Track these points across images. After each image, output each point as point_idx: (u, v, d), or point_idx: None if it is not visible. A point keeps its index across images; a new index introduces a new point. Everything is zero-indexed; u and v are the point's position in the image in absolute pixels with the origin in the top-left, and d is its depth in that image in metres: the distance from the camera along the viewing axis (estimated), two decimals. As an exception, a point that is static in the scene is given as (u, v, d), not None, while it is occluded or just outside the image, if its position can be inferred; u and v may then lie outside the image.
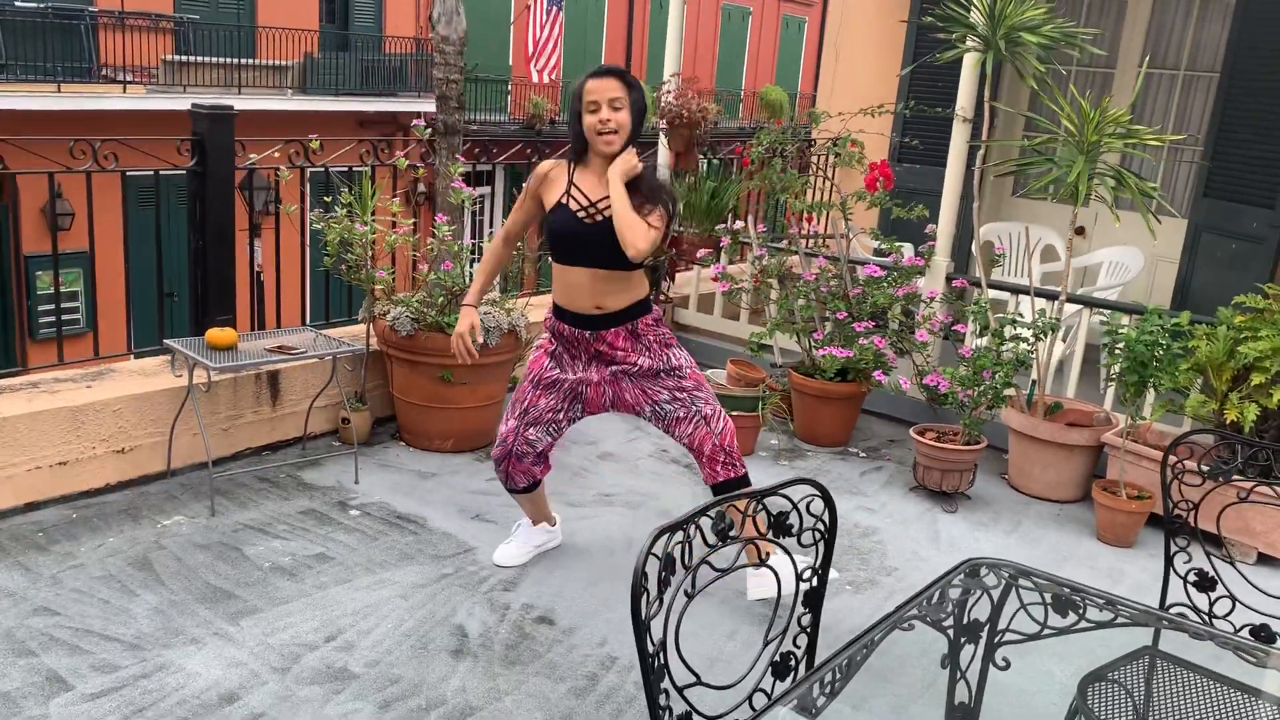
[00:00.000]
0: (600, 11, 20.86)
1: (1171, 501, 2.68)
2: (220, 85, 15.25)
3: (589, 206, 3.32)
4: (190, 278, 4.51)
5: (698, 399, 3.49)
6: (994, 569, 2.25)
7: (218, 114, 4.33)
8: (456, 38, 4.50)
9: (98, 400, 4.05)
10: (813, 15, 25.71)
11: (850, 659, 1.88)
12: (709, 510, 1.95)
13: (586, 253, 3.33)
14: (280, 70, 16.00)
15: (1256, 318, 4.37)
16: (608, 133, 3.22)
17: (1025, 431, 4.76)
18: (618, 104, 3.21)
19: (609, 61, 21.07)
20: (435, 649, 3.28)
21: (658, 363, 3.47)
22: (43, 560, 3.61)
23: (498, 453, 3.63)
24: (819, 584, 2.14)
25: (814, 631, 2.16)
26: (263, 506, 4.15)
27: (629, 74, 3.29)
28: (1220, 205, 6.43)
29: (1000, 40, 4.60)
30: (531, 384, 3.56)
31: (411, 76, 17.67)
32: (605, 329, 3.42)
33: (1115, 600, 2.14)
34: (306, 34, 16.35)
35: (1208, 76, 6.96)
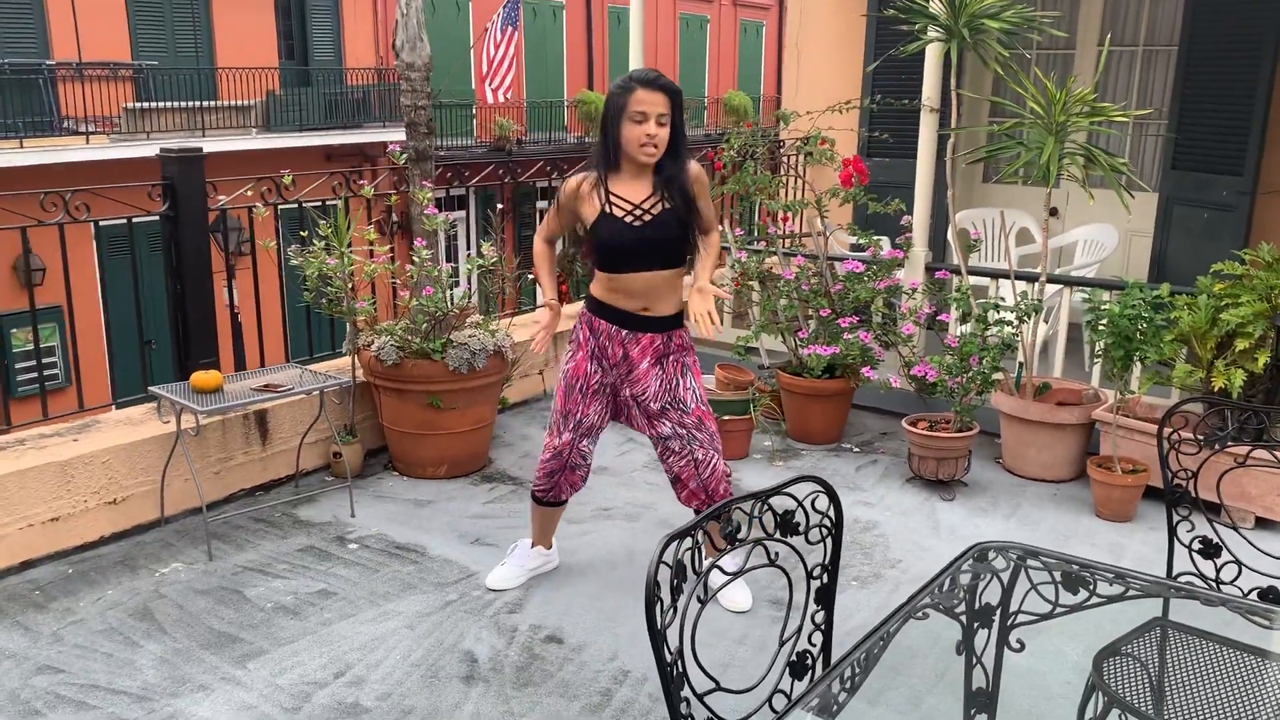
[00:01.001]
0: (559, 29, 20.90)
1: (1170, 472, 2.69)
2: (184, 129, 15.20)
3: (634, 209, 3.31)
4: (170, 322, 4.48)
5: (695, 439, 3.50)
6: (1002, 552, 2.26)
7: (187, 157, 4.31)
8: (421, 63, 4.50)
9: (86, 453, 4.02)
10: (770, 19, 25.85)
11: (868, 652, 1.88)
12: (716, 515, 1.94)
13: (645, 256, 3.34)
14: (243, 110, 15.96)
15: (1236, 284, 4.40)
16: (651, 146, 3.21)
17: (1016, 414, 4.78)
18: (664, 119, 3.20)
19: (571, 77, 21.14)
20: (446, 677, 3.26)
21: (664, 395, 3.48)
22: (42, 619, 3.57)
23: (552, 465, 3.60)
24: (829, 580, 2.14)
25: (828, 628, 2.16)
26: (260, 547, 4.12)
27: (675, 86, 3.25)
28: (1189, 176, 6.48)
29: (963, 29, 4.63)
30: (580, 392, 3.53)
31: (375, 107, 17.67)
32: (643, 331, 3.43)
33: (1125, 573, 2.14)
34: (267, 72, 16.32)
35: (1166, 50, 7.02)
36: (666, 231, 3.33)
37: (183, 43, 15.88)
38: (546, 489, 3.67)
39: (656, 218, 3.31)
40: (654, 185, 3.32)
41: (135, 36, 15.36)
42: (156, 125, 14.98)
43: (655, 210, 3.31)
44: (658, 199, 3.32)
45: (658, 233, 3.32)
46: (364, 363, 4.69)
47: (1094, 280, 5.19)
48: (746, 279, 5.46)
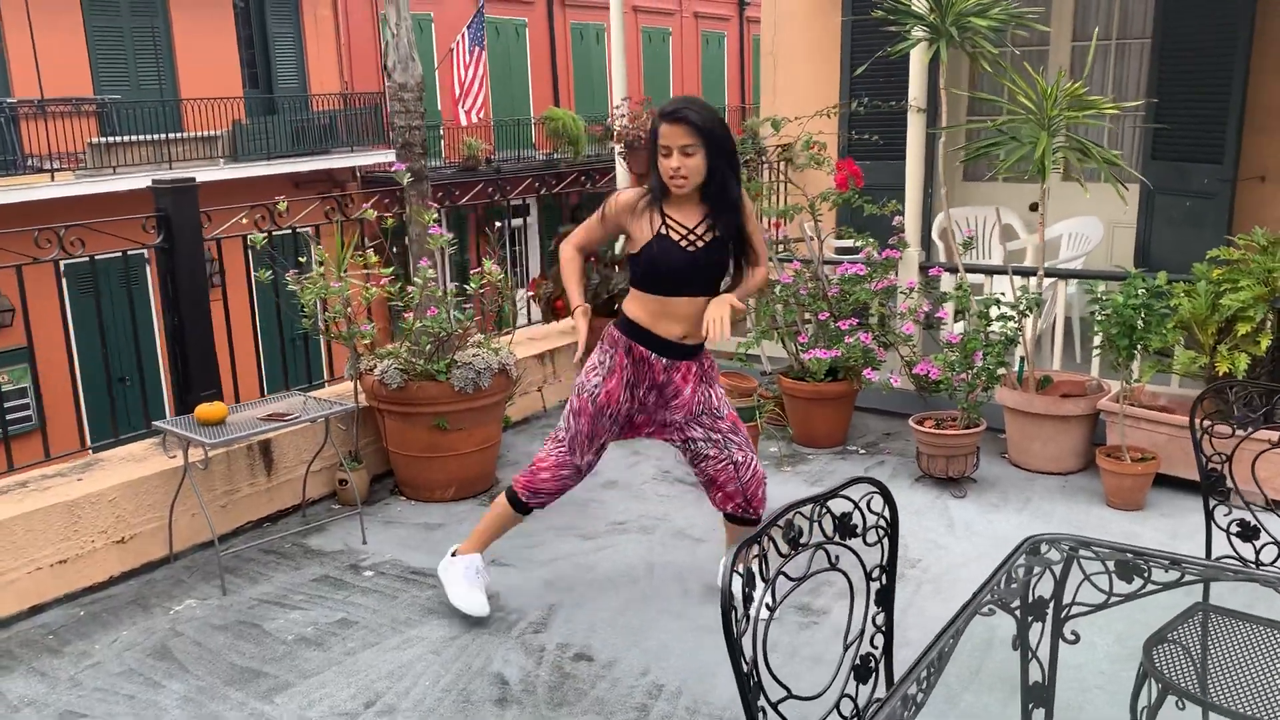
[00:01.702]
0: (523, 47, 20.91)
1: (1204, 456, 2.69)
2: (150, 162, 15.06)
3: (688, 234, 3.31)
4: (170, 356, 4.42)
5: (731, 442, 3.53)
6: (1054, 544, 2.25)
7: (181, 187, 4.26)
8: (414, 83, 4.46)
9: (92, 492, 3.94)
10: (730, 29, 25.99)
11: (941, 651, 1.86)
12: (778, 520, 1.92)
13: (693, 281, 3.35)
14: (210, 140, 15.84)
15: (1233, 269, 4.44)
16: (678, 179, 3.24)
17: (1021, 408, 4.80)
18: (689, 150, 3.20)
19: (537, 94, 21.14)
20: (478, 701, 3.21)
21: (700, 401, 3.50)
22: (57, 663, 3.49)
23: (569, 482, 3.61)
24: (888, 581, 2.12)
25: (889, 630, 2.14)
26: (274, 579, 4.05)
27: (700, 114, 3.21)
28: (1169, 166, 6.55)
29: (951, 27, 4.65)
30: (611, 419, 3.51)
31: (341, 132, 17.59)
32: (681, 359, 3.45)
33: (1180, 559, 2.14)
34: (232, 101, 16.21)
35: (1139, 43, 7.11)
36: (716, 259, 3.36)
37: (145, 75, 15.76)
38: (544, 501, 3.64)
39: (709, 245, 3.34)
40: (704, 213, 3.34)
41: (96, 71, 15.22)
42: (122, 160, 14.83)
43: (707, 237, 3.34)
44: (709, 226, 3.34)
45: (709, 258, 3.35)
46: (366, 387, 4.64)
47: (1095, 272, 5.24)
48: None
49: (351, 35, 18.16)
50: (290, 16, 17.49)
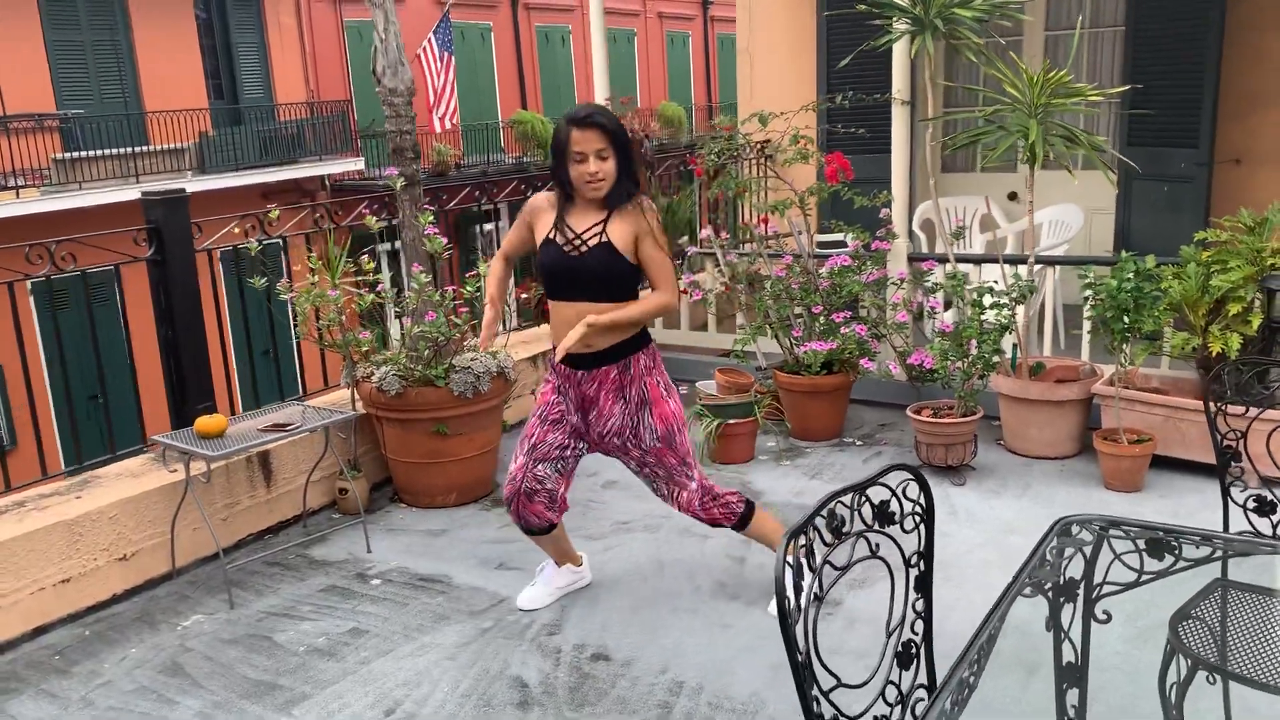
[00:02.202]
0: (488, 51, 20.84)
1: (1219, 434, 2.73)
2: (117, 177, 14.87)
3: (575, 239, 3.30)
4: (164, 368, 4.36)
5: (657, 478, 3.54)
6: (1085, 525, 2.27)
7: (172, 199, 4.21)
8: (404, 88, 4.43)
9: (92, 510, 3.89)
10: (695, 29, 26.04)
11: (990, 634, 1.87)
12: (821, 510, 1.92)
13: (576, 286, 3.31)
14: (176, 153, 15.65)
15: (1222, 250, 4.50)
16: (594, 183, 3.22)
17: (1016, 394, 4.84)
18: (603, 154, 3.19)
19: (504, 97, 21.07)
20: (499, 704, 3.20)
21: (626, 430, 3.43)
22: (67, 684, 3.44)
23: (508, 491, 3.54)
24: (926, 567, 2.13)
25: (928, 615, 2.15)
26: (280, 591, 4.02)
27: (608, 117, 3.23)
28: (1146, 151, 6.62)
29: (935, 19, 4.68)
30: (539, 419, 3.51)
31: (309, 141, 17.44)
32: (594, 368, 3.37)
33: (1211, 535, 2.17)
34: (198, 113, 16.03)
35: (1112, 31, 7.19)
36: (599, 265, 3.27)
37: (109, 89, 15.57)
38: (513, 517, 3.59)
39: (592, 250, 3.28)
40: (600, 218, 3.30)
41: (59, 86, 15.02)
42: (88, 175, 14.63)
43: (592, 242, 3.28)
44: (598, 232, 3.28)
45: (590, 264, 3.28)
46: (363, 395, 4.61)
47: (1084, 258, 5.30)
48: (736, 282, 5.46)
49: (316, 43, 18.03)
50: (254, 26, 17.34)
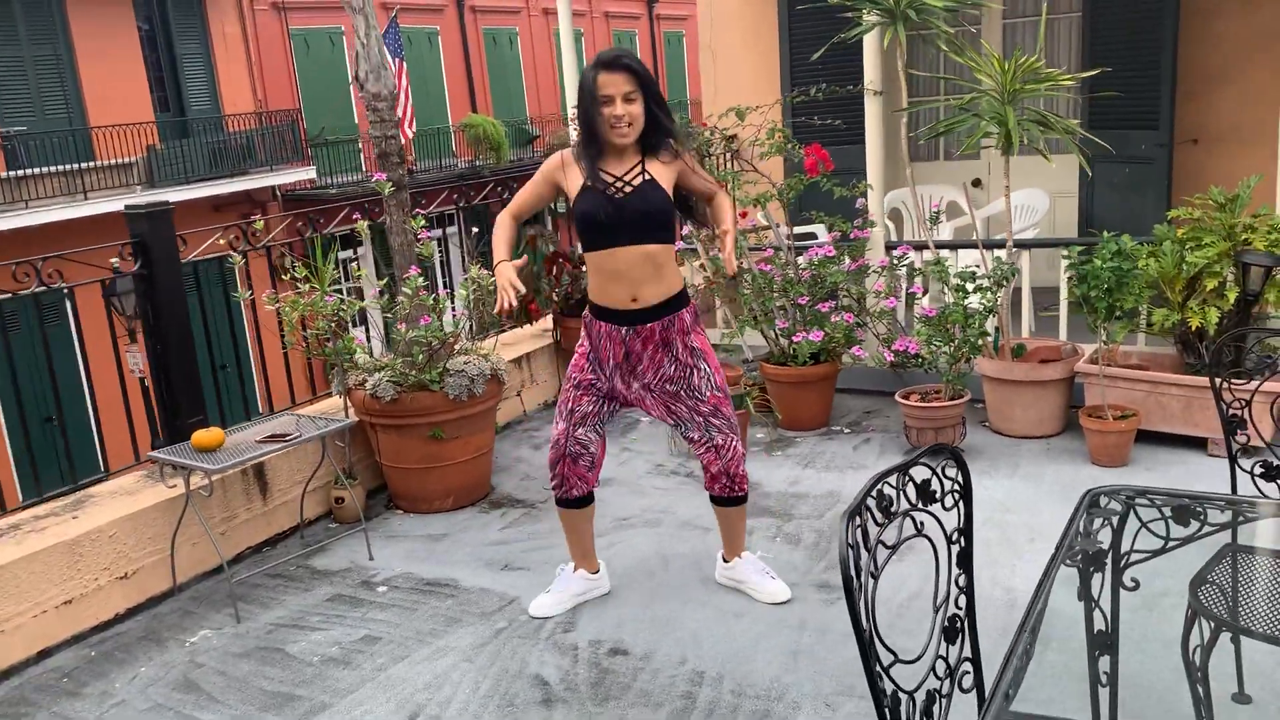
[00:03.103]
0: (436, 55, 20.72)
1: (1225, 404, 2.81)
2: (64, 194, 14.62)
3: (616, 181, 3.29)
4: (155, 384, 4.31)
5: (712, 425, 3.52)
6: (1114, 495, 2.33)
7: (156, 212, 4.16)
8: (387, 92, 4.41)
9: (91, 529, 3.83)
10: (641, 27, 26.12)
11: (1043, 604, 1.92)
12: (872, 490, 1.96)
13: (622, 228, 3.29)
14: (124, 168, 15.42)
15: (1195, 227, 4.62)
16: (621, 127, 3.21)
17: (1001, 376, 4.93)
18: (631, 96, 3.19)
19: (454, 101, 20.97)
20: (523, 703, 3.21)
21: (679, 380, 3.48)
22: (80, 706, 3.39)
23: (552, 455, 3.59)
24: (966, 544, 2.18)
25: (970, 591, 2.20)
26: (286, 602, 3.99)
27: (637, 61, 3.25)
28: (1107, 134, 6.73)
29: (906, 9, 4.75)
30: (574, 385, 3.54)
31: (260, 151, 17.24)
32: (642, 323, 3.38)
33: (1235, 499, 2.24)
34: (144, 127, 15.77)
35: (1068, 18, 7.33)
36: (647, 203, 3.30)
37: (51, 105, 15.26)
38: (557, 484, 3.64)
39: (637, 189, 3.29)
40: (637, 159, 3.33)
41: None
42: (34, 193, 14.36)
43: (636, 182, 3.30)
44: (638, 171, 3.31)
45: (639, 204, 3.29)
46: (356, 402, 4.58)
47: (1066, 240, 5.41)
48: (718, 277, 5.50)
49: (262, 52, 17.81)
50: (198, 37, 17.08)
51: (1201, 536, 2.26)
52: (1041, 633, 2.51)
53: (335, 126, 18.58)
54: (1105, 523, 2.32)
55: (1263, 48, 6.58)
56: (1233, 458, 2.81)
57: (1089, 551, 2.33)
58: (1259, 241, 4.41)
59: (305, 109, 18.24)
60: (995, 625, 3.35)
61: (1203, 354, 4.60)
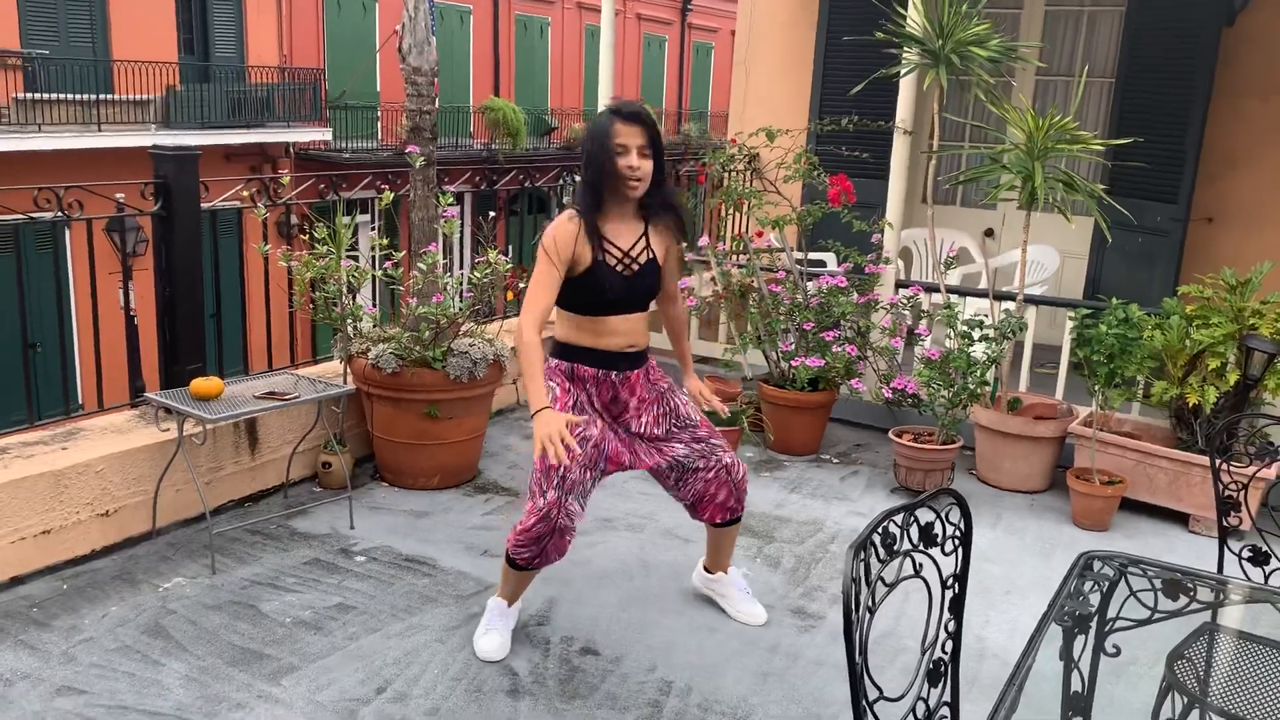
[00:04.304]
0: (466, 35, 20.71)
1: (1222, 484, 2.84)
2: (78, 123, 14.54)
3: (624, 258, 3.25)
4: (159, 326, 4.30)
5: (715, 447, 3.46)
6: (1107, 561, 2.36)
7: (183, 155, 4.15)
8: (428, 68, 4.42)
9: (79, 462, 3.83)
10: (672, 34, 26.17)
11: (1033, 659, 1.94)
12: (879, 527, 1.98)
13: (629, 303, 3.29)
14: (142, 105, 15.35)
15: (1205, 306, 4.67)
16: (634, 179, 3.14)
17: (995, 427, 4.96)
18: (645, 151, 3.13)
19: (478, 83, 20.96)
20: (490, 691, 3.22)
21: (666, 418, 3.41)
22: (47, 637, 3.38)
23: (540, 530, 3.21)
24: (960, 590, 2.20)
25: (958, 637, 2.22)
26: (264, 560, 3.98)
27: (648, 115, 3.19)
28: (1125, 202, 6.81)
29: (950, 55, 4.79)
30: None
31: (278, 107, 17.19)
32: (631, 369, 3.35)
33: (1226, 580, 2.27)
34: (166, 67, 15.72)
35: (1100, 82, 7.39)
36: (649, 282, 3.32)
37: (76, 32, 15.18)
38: (531, 556, 3.27)
39: (644, 267, 3.29)
40: (640, 231, 3.28)
41: (25, 24, 14.60)
42: (48, 118, 14.29)
43: (642, 260, 3.28)
44: (644, 246, 3.28)
45: (644, 281, 3.30)
46: (356, 370, 4.58)
47: (1074, 300, 5.45)
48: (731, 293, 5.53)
49: (294, 8, 17.77)
50: (232, -16, 17.05)
51: (1189, 613, 2.29)
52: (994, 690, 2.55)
53: (357, 91, 18.55)
54: (1095, 586, 2.35)
55: (1286, 135, 6.66)
56: (1223, 538, 2.84)
57: (1077, 613, 2.36)
58: (1266, 328, 4.45)
59: (329, 70, 18.20)
60: (964, 673, 3.37)
61: (1196, 431, 4.65)
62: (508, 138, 19.43)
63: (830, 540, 4.41)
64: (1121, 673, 2.63)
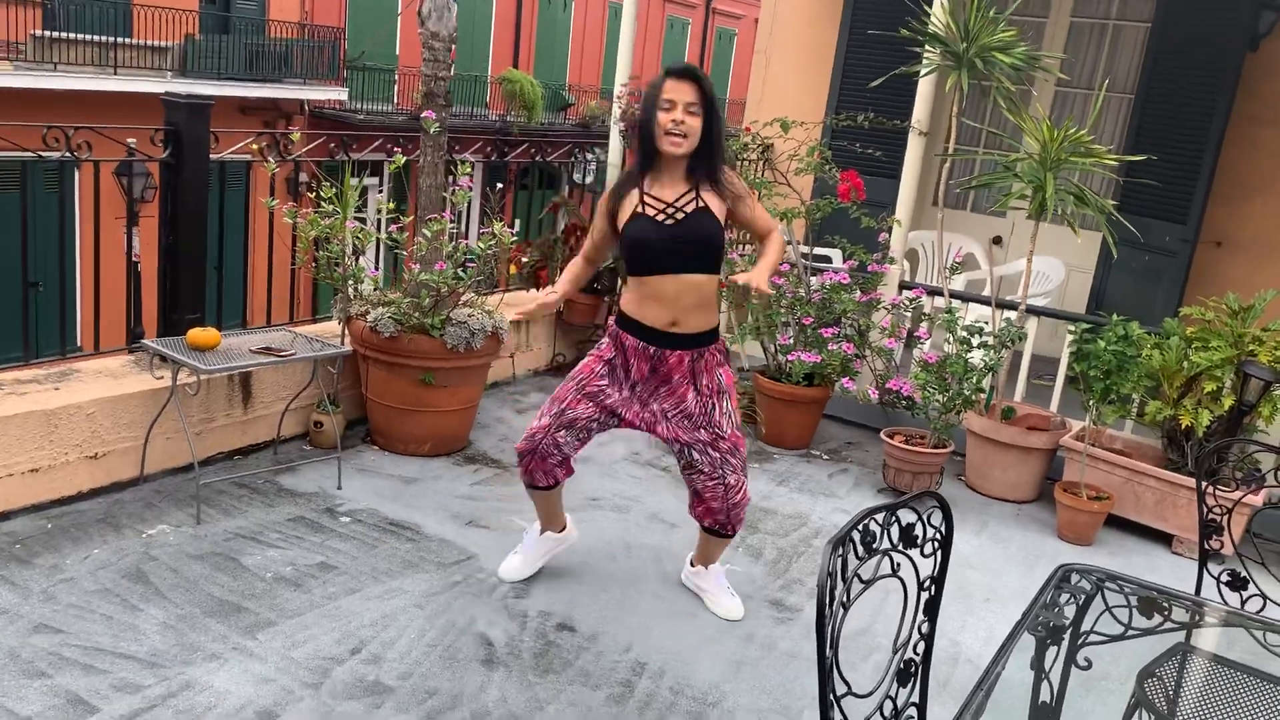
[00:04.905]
0: (489, 4, 20.62)
1: (1206, 507, 2.85)
2: (95, 64, 14.49)
3: (667, 208, 3.23)
4: (160, 273, 4.30)
5: (727, 465, 3.43)
6: (1085, 574, 2.37)
7: (195, 104, 4.14)
8: (447, 34, 4.40)
9: (71, 403, 3.83)
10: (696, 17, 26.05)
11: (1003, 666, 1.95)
12: (858, 525, 1.99)
13: (673, 256, 3.24)
14: (159, 51, 15.29)
15: (1204, 328, 4.67)
16: (677, 134, 3.15)
17: (987, 434, 4.96)
18: (693, 109, 3.14)
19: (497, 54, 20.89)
20: (465, 659, 3.23)
21: (701, 415, 3.39)
22: (28, 574, 3.40)
23: (523, 447, 3.48)
24: (937, 592, 2.21)
25: (930, 638, 2.23)
26: (249, 514, 3.99)
27: (706, 80, 3.21)
28: (1135, 220, 6.79)
29: (974, 58, 4.77)
30: (576, 386, 3.44)
31: (297, 63, 17.13)
32: (672, 349, 3.32)
33: (1203, 602, 2.27)
34: (186, 14, 15.65)
35: (1120, 97, 7.36)
36: (698, 231, 3.23)
37: (98, -29, 15.11)
38: (523, 471, 3.56)
39: (689, 216, 3.23)
40: (689, 186, 3.26)
41: (47, -40, 14.54)
42: (65, 57, 14.23)
43: (688, 209, 3.23)
44: (692, 198, 3.25)
45: (688, 232, 3.23)
46: (354, 332, 4.58)
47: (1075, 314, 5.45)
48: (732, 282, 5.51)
49: (317, -35, 17.70)
50: (257, -64, 16.97)
51: (1162, 631, 2.30)
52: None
53: (375, 53, 18.48)
54: (1071, 599, 2.36)
55: (1301, 164, 6.64)
56: (1203, 560, 2.85)
57: (1051, 624, 2.38)
58: (1264, 355, 4.45)
59: (349, 31, 18.13)
60: (936, 676, 3.39)
61: (1187, 453, 4.65)
62: (523, 110, 19.36)
63: (814, 535, 4.43)
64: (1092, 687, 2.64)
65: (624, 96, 6.07)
